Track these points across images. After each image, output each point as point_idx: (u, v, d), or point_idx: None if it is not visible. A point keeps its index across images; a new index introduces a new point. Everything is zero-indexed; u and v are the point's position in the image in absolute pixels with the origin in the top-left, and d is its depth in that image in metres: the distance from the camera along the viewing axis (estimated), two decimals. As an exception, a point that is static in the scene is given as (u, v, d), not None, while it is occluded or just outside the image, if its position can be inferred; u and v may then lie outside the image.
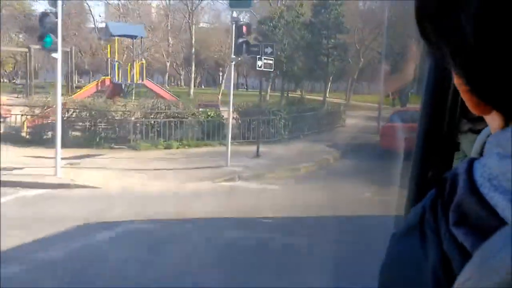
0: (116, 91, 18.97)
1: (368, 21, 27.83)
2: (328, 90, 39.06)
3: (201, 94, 29.29)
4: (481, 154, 0.45)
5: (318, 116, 19.00)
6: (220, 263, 5.47)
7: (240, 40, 11.78)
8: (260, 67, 13.71)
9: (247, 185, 9.97)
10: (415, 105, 14.31)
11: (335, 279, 4.99)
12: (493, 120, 0.40)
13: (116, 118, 14.23)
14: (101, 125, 14.11)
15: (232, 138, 14.83)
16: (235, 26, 11.75)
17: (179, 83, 43.98)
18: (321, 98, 30.36)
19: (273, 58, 14.27)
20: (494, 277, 0.29)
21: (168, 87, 42.90)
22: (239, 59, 12.78)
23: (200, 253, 5.93)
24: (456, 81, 0.40)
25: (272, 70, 15.26)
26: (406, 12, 18.03)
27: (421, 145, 0.99)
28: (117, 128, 14.20)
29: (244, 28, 11.88)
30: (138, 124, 13.90)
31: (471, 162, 0.40)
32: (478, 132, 0.48)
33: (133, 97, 19.29)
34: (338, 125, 20.86)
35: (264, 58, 13.67)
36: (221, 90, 29.31)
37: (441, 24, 0.37)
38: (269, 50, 13.95)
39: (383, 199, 7.64)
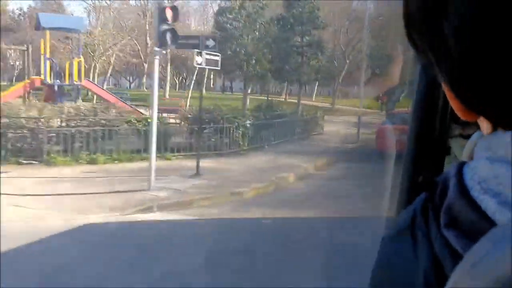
0: (51, 93, 15.97)
1: (354, 20, 27.10)
2: (314, 93, 37.40)
3: (176, 97, 27.81)
4: (471, 157, 0.47)
5: (290, 123, 17.83)
6: None
7: (164, 27, 9.51)
8: (200, 64, 11.49)
9: (164, 216, 7.99)
10: (405, 109, 14.00)
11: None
12: (481, 124, 0.44)
13: (29, 126, 12.27)
14: (9, 135, 12.06)
15: (176, 150, 13.25)
16: (157, 9, 9.60)
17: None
18: (306, 102, 29.45)
19: (219, 54, 12.40)
20: (484, 279, 0.30)
21: (147, 90, 40.74)
22: (164, 52, 9.91)
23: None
24: (444, 87, 0.43)
25: (219, 68, 13.24)
26: (393, 13, 15.78)
27: (412, 148, 1.05)
28: (29, 139, 12.23)
29: (169, 12, 9.54)
30: (55, 134, 12.17)
31: (461, 166, 0.43)
32: (468, 137, 0.51)
33: (76, 101, 16.19)
34: (314, 133, 19.65)
35: (206, 53, 11.49)
36: (190, 93, 27.85)
37: (425, 32, 0.40)
38: (211, 43, 11.81)
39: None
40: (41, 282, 5.00)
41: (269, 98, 27.33)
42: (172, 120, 15.38)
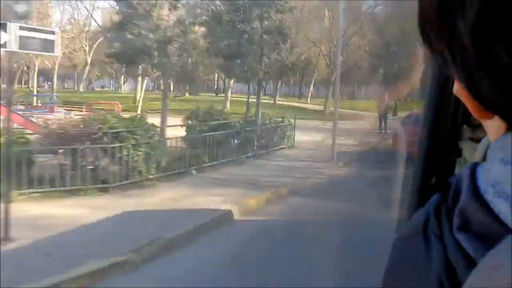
0: None
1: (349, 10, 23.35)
2: (277, 93, 34.02)
3: (147, 100, 25.98)
4: (484, 159, 0.46)
5: (244, 136, 13.45)
6: None
7: None
8: (4, 45, 6.36)
9: None
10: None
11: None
12: (493, 125, 0.43)
13: None
14: None
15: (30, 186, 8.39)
16: None
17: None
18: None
19: (54, 32, 8.14)
20: (501, 286, 0.30)
21: (125, 92, 39.57)
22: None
23: None
24: (458, 86, 0.43)
25: (55, 53, 9.44)
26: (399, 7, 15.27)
27: (424, 150, 1.05)
28: None
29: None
30: None
31: (474, 167, 0.42)
32: (479, 140, 0.49)
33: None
34: (278, 147, 15.08)
35: (20, 28, 6.50)
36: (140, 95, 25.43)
37: (441, 31, 0.40)
38: (22, 8, 6.40)
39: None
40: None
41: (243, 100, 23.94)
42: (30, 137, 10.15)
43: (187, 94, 35.19)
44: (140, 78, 25.43)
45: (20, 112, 16.03)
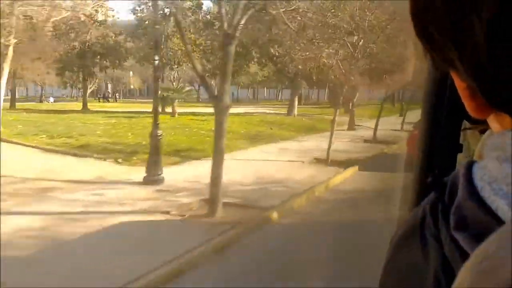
0: None
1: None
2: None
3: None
4: (481, 157, 0.46)
5: None
6: None
7: None
8: None
9: None
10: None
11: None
12: (492, 122, 0.43)
13: None
14: None
15: None
16: None
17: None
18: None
19: None
20: (491, 279, 0.30)
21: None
22: None
23: None
24: (458, 84, 0.43)
25: None
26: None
27: (424, 147, 1.05)
28: None
29: None
30: None
31: (470, 165, 0.42)
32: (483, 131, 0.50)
33: None
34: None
35: None
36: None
37: (448, 26, 0.39)
38: None
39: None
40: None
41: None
42: None
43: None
44: None
45: None
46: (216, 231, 6.89)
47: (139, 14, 30.33)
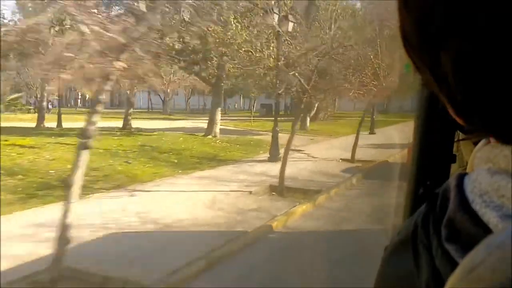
0: None
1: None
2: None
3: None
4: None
5: None
6: None
7: None
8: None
9: None
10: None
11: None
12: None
13: None
14: None
15: None
16: None
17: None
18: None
19: None
20: (479, 286, 0.30)
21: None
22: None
23: None
24: (443, 100, 0.44)
25: None
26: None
27: (417, 157, 1.05)
28: None
29: None
30: None
31: (462, 177, 0.43)
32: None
33: None
34: None
35: None
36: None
37: (423, 56, 0.40)
38: None
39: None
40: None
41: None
42: None
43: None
44: None
45: None
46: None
47: None
